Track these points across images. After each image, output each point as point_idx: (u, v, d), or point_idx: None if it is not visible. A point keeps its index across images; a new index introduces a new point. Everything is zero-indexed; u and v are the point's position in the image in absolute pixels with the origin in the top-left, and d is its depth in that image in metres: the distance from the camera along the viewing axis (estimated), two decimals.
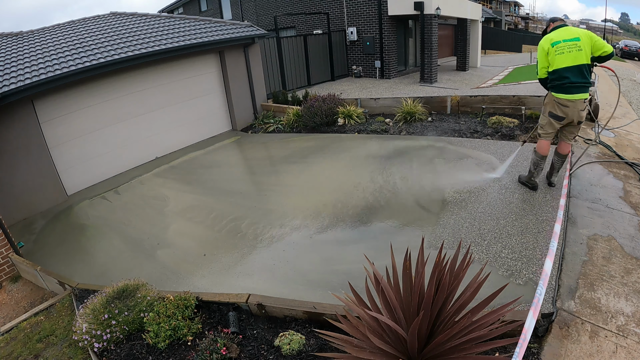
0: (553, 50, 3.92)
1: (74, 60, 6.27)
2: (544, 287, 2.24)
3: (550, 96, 4.10)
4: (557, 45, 3.90)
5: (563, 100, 3.98)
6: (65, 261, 4.51)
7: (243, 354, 2.64)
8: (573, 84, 3.91)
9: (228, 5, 18.23)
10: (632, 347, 2.31)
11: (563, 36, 3.92)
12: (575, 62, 3.86)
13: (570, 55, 3.86)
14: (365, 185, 5.18)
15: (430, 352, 1.97)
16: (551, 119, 4.14)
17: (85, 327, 2.91)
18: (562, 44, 3.89)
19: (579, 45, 3.85)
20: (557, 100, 4.03)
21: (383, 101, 8.69)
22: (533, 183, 4.50)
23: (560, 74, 3.92)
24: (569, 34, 3.93)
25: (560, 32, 3.97)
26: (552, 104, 4.10)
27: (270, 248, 4.08)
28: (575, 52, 3.85)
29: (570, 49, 3.87)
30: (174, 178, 6.70)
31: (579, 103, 3.95)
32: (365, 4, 12.62)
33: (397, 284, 2.26)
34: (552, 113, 4.11)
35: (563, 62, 3.88)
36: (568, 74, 3.89)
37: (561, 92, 3.98)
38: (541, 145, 4.29)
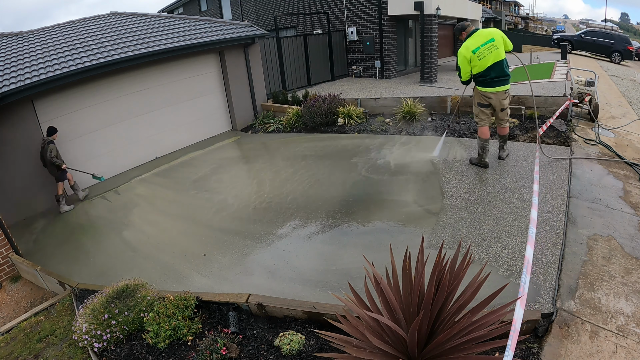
0: (475, 56, 4.57)
1: (74, 60, 6.27)
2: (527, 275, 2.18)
3: (477, 90, 4.90)
4: (478, 51, 4.54)
5: (487, 93, 4.78)
6: (65, 261, 4.51)
7: (243, 354, 2.64)
8: (494, 79, 4.66)
9: (228, 5, 18.23)
10: (632, 347, 2.31)
11: (479, 41, 4.54)
12: (495, 60, 4.56)
13: (491, 56, 4.54)
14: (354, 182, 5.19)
15: (430, 352, 1.97)
16: (480, 108, 4.95)
17: (85, 327, 2.91)
18: (481, 49, 4.53)
19: (495, 44, 4.52)
20: (482, 93, 4.82)
21: (383, 101, 8.69)
22: (484, 163, 5.18)
23: (485, 72, 4.63)
24: (484, 37, 4.55)
25: (476, 39, 4.58)
26: (478, 96, 4.91)
27: (270, 248, 4.08)
28: (494, 52, 4.53)
29: (490, 51, 4.53)
30: (174, 178, 6.70)
31: (500, 94, 4.77)
32: (365, 4, 12.62)
33: (397, 284, 2.26)
34: (480, 103, 4.93)
35: (486, 63, 4.56)
36: (491, 71, 4.61)
37: (485, 86, 4.75)
38: (482, 131, 5.03)
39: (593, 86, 6.68)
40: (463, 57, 4.65)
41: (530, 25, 45.12)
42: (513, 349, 1.81)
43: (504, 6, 43.06)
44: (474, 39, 4.59)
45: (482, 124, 5.01)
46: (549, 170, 4.89)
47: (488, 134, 5.04)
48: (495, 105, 4.84)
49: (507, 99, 4.85)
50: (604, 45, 17.77)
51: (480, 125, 5.04)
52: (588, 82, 6.72)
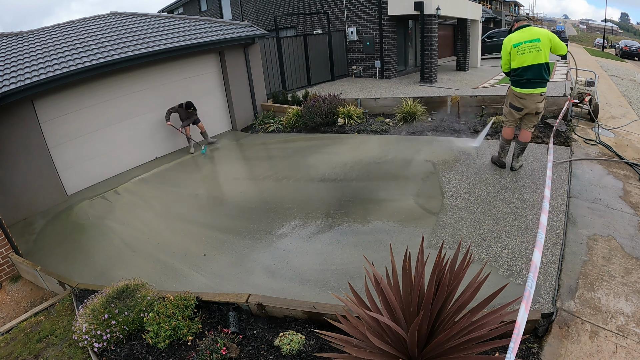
0: (515, 50, 4.36)
1: (74, 60, 6.27)
2: (534, 279, 2.21)
3: (511, 89, 4.62)
4: (519, 46, 4.33)
5: (521, 94, 4.49)
6: (65, 261, 4.51)
7: (243, 354, 2.64)
8: (530, 81, 4.38)
9: (228, 5, 18.24)
10: (632, 347, 2.31)
11: (524, 37, 4.30)
12: (534, 62, 4.28)
13: (530, 55, 4.28)
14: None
15: (430, 352, 1.97)
16: (511, 109, 4.70)
17: (85, 327, 2.91)
18: (523, 45, 4.31)
19: (539, 46, 4.25)
20: (516, 94, 4.54)
21: (383, 101, 8.69)
22: (501, 162, 5.17)
23: (521, 71, 4.38)
24: (530, 35, 4.30)
25: (522, 33, 4.34)
26: (512, 97, 4.63)
27: (270, 248, 4.08)
28: (535, 52, 4.26)
29: (531, 50, 4.28)
30: (173, 178, 6.70)
31: (536, 96, 4.45)
32: (365, 4, 12.63)
33: (397, 283, 2.27)
34: (512, 104, 4.66)
35: (523, 61, 4.32)
36: (527, 72, 4.34)
37: (519, 86, 4.48)
38: (505, 131, 4.93)
39: (593, 86, 6.68)
40: (504, 49, 4.52)
41: None
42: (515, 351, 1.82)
43: (504, 6, 43.07)
44: (520, 33, 4.39)
45: (508, 124, 4.87)
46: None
47: (511, 135, 4.94)
48: (529, 108, 4.55)
49: (542, 102, 4.55)
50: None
51: (505, 125, 4.91)
52: (588, 82, 6.72)
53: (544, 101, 4.62)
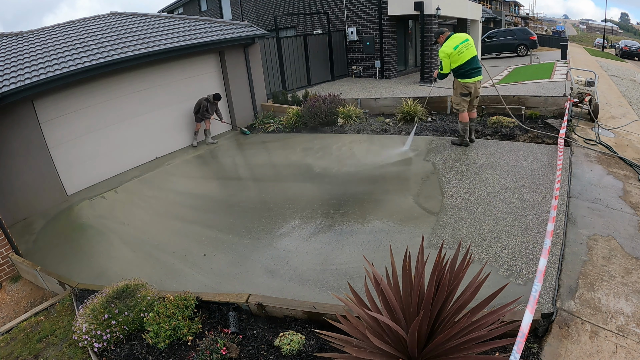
0: (456, 52, 5.64)
1: (74, 60, 6.26)
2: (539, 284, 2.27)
3: (458, 82, 5.88)
4: (457, 48, 5.64)
5: (468, 83, 5.78)
6: (65, 261, 4.51)
7: (243, 354, 2.64)
8: (473, 70, 5.71)
9: (228, 5, 18.23)
10: (632, 347, 2.31)
11: (457, 41, 5.67)
12: (472, 54, 5.67)
13: (468, 51, 5.65)
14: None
15: (430, 352, 1.97)
16: (462, 97, 5.89)
17: (85, 327, 2.91)
18: (460, 46, 5.65)
19: (470, 43, 5.71)
20: (464, 84, 5.80)
21: (383, 101, 8.69)
22: (466, 142, 6.17)
23: (465, 65, 5.68)
24: (460, 38, 5.69)
25: (454, 40, 5.68)
26: (460, 87, 5.86)
27: (270, 248, 4.08)
28: (470, 48, 5.68)
29: (467, 47, 5.66)
30: (174, 178, 6.70)
31: (478, 83, 5.86)
32: (365, 4, 12.63)
33: (397, 284, 2.26)
34: (462, 93, 5.87)
35: (465, 57, 5.64)
36: (470, 64, 5.67)
37: (465, 77, 5.75)
38: (463, 116, 6.01)
39: (593, 86, 6.68)
40: (445, 54, 5.70)
41: (530, 25, 45.09)
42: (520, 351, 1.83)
43: (504, 6, 43.07)
44: (452, 40, 5.68)
45: (462, 110, 5.97)
46: (549, 170, 4.89)
47: (468, 118, 6.03)
48: (473, 92, 5.86)
49: (480, 87, 6.04)
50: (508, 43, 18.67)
51: (461, 111, 5.99)
52: (588, 82, 6.72)
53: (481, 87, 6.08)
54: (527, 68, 14.18)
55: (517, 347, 1.85)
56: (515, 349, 1.84)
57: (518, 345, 1.86)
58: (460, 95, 5.90)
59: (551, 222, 2.98)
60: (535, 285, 2.27)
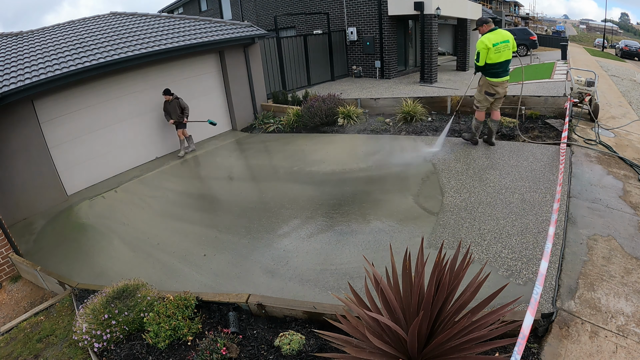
0: (494, 49, 5.36)
1: (74, 60, 6.26)
2: (540, 287, 2.28)
3: (485, 80, 5.65)
4: (497, 46, 5.36)
5: (496, 83, 5.58)
6: (65, 261, 4.51)
7: (243, 354, 2.64)
8: (502, 71, 5.52)
9: (228, 5, 18.23)
10: (632, 347, 2.31)
11: (499, 39, 5.35)
12: (506, 58, 5.44)
13: (504, 53, 5.39)
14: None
15: (430, 352, 1.97)
16: (487, 96, 5.71)
17: (85, 327, 2.91)
18: (499, 45, 5.35)
19: (509, 46, 5.43)
20: (491, 83, 5.59)
21: (383, 101, 8.68)
22: (475, 140, 6.11)
23: (496, 66, 5.46)
24: (502, 37, 5.38)
25: (496, 35, 5.36)
26: (487, 85, 5.65)
27: (270, 248, 4.08)
28: (507, 51, 5.42)
29: (506, 48, 5.39)
30: (173, 178, 6.70)
31: (505, 83, 5.64)
32: (365, 4, 12.62)
33: (397, 284, 2.26)
34: (488, 92, 5.67)
35: (499, 58, 5.40)
36: (501, 66, 5.47)
37: (494, 77, 5.55)
38: (480, 115, 5.91)
39: (593, 86, 6.67)
40: (485, 46, 5.35)
41: (530, 25, 45.09)
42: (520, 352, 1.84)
43: (504, 6, 43.04)
44: (495, 34, 5.35)
45: (482, 108, 5.83)
46: (549, 170, 4.89)
47: (484, 117, 5.97)
48: (500, 93, 5.67)
49: (507, 87, 5.79)
50: None
51: (480, 109, 5.84)
52: (588, 82, 6.72)
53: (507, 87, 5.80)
54: (527, 68, 14.18)
55: (517, 348, 1.85)
56: (516, 350, 1.85)
57: (519, 346, 1.86)
58: (485, 93, 5.71)
59: (552, 226, 2.97)
60: (536, 287, 2.28)
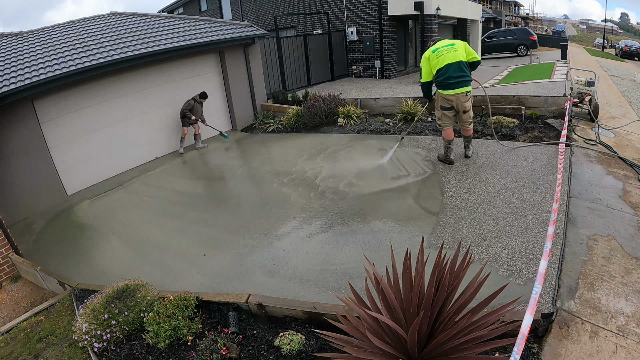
0: (434, 55, 4.87)
1: (73, 60, 6.27)
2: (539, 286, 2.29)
3: (438, 93, 5.09)
4: (437, 51, 4.89)
5: (447, 95, 4.97)
6: (65, 261, 4.51)
7: (243, 354, 2.64)
8: (454, 80, 4.82)
9: (228, 5, 18.24)
10: (632, 347, 2.31)
11: (440, 45, 4.94)
12: (454, 59, 4.80)
13: (449, 55, 4.82)
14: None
15: (431, 352, 1.97)
16: (443, 111, 5.14)
17: (85, 327, 2.91)
18: (440, 49, 4.90)
19: (455, 47, 4.87)
20: (443, 96, 5.01)
21: (383, 101, 8.69)
22: (449, 160, 5.46)
23: (443, 71, 4.83)
24: (445, 42, 4.96)
25: (438, 44, 4.99)
26: (440, 99, 5.10)
27: (270, 248, 4.09)
28: (453, 52, 4.84)
29: (448, 51, 4.85)
30: (174, 178, 6.70)
31: (461, 96, 4.93)
32: (365, 4, 12.62)
33: (397, 283, 2.26)
34: (442, 106, 5.11)
35: (444, 61, 4.83)
36: (449, 71, 4.80)
37: (445, 88, 4.93)
38: (446, 133, 5.27)
39: (593, 86, 6.68)
40: (425, 59, 5.03)
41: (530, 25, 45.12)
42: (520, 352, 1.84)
43: (504, 6, 43.08)
44: (436, 44, 5.05)
45: (446, 126, 5.24)
46: (549, 170, 4.89)
47: (452, 135, 5.30)
48: (457, 107, 5.04)
49: (468, 101, 5.03)
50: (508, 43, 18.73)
51: (443, 128, 5.27)
52: (588, 82, 6.72)
53: (470, 100, 5.07)
54: (527, 68, 14.19)
55: (517, 348, 1.86)
56: (515, 350, 1.85)
57: (518, 346, 1.86)
58: (440, 108, 5.15)
59: (551, 225, 2.98)
60: (535, 287, 2.28)
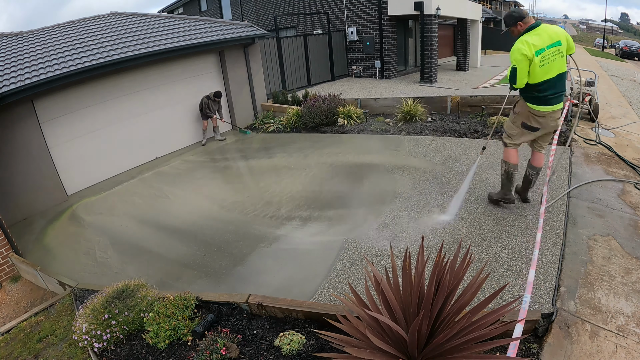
0: (537, 61, 3.34)
1: (73, 60, 6.27)
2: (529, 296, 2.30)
3: (525, 106, 3.64)
4: (542, 54, 3.34)
5: (541, 112, 3.56)
6: (65, 261, 4.51)
7: (243, 354, 2.64)
8: (554, 95, 3.50)
9: (228, 5, 18.24)
10: (632, 347, 2.31)
11: (545, 42, 3.34)
12: (559, 71, 3.44)
13: (555, 64, 3.40)
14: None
15: (431, 352, 1.97)
16: (524, 130, 3.73)
17: (85, 327, 2.91)
18: (546, 51, 3.35)
19: (561, 50, 3.40)
20: (534, 112, 3.60)
21: (383, 101, 8.69)
22: (509, 198, 4.02)
23: (544, 86, 3.44)
24: (550, 37, 3.36)
25: (541, 36, 3.36)
26: (526, 115, 3.67)
27: (270, 248, 4.09)
28: (559, 60, 3.41)
29: (555, 57, 3.38)
30: (173, 178, 6.70)
31: (557, 112, 3.60)
32: (365, 4, 12.63)
33: (397, 284, 2.26)
34: (526, 124, 3.69)
35: (547, 73, 3.40)
36: (551, 86, 3.45)
37: (539, 104, 3.54)
38: (509, 153, 3.87)
39: (593, 86, 6.68)
40: (523, 57, 3.33)
41: None
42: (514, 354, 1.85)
43: (504, 6, 43.06)
44: (538, 35, 3.35)
45: (512, 145, 3.85)
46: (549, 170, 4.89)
47: (517, 158, 3.87)
48: (546, 127, 3.66)
49: (561, 117, 3.72)
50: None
51: (509, 146, 3.87)
52: (588, 82, 6.72)
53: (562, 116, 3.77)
54: None
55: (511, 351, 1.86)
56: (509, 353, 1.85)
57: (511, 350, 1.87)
58: (521, 125, 3.73)
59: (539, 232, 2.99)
60: (525, 297, 2.27)
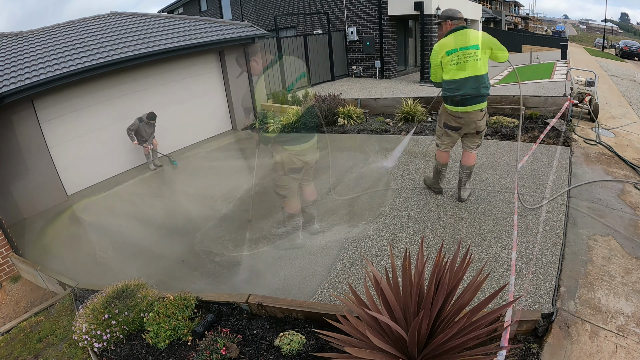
0: (449, 59, 3.54)
1: (73, 60, 6.27)
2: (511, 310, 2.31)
3: (444, 107, 3.80)
4: (454, 53, 3.50)
5: (457, 113, 3.70)
6: (64, 261, 4.51)
7: (243, 354, 2.64)
8: (466, 96, 3.58)
9: (228, 5, 18.25)
10: (632, 347, 2.31)
11: (460, 43, 3.50)
12: (474, 73, 3.51)
13: (469, 65, 3.50)
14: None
15: (431, 351, 1.97)
16: (446, 130, 3.88)
17: (85, 327, 2.91)
18: (459, 52, 3.49)
19: (478, 54, 3.49)
20: (451, 113, 3.75)
21: (383, 101, 8.69)
22: (438, 188, 4.41)
23: (455, 85, 3.57)
24: (467, 40, 3.50)
25: (458, 37, 3.53)
26: (445, 115, 3.82)
27: (269, 248, 4.09)
28: (473, 62, 3.49)
29: (468, 59, 3.49)
30: (174, 178, 6.70)
31: (476, 113, 3.67)
32: (365, 4, 12.63)
33: (397, 283, 2.27)
34: (447, 124, 3.84)
35: (457, 73, 3.53)
36: (465, 86, 3.55)
37: (454, 104, 3.68)
38: (440, 155, 4.11)
39: (593, 86, 6.68)
40: (435, 54, 3.66)
41: (530, 25, 45.14)
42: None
43: (504, 6, 43.09)
44: (456, 37, 3.56)
45: (443, 148, 4.05)
46: (549, 171, 4.89)
47: (448, 159, 4.17)
48: (467, 127, 3.79)
49: (483, 118, 3.76)
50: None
51: (440, 149, 4.07)
52: (588, 82, 6.73)
53: (485, 117, 3.81)
54: (527, 68, 14.20)
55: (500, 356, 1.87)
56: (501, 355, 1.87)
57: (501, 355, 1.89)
58: (444, 126, 3.90)
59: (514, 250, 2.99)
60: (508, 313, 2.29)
